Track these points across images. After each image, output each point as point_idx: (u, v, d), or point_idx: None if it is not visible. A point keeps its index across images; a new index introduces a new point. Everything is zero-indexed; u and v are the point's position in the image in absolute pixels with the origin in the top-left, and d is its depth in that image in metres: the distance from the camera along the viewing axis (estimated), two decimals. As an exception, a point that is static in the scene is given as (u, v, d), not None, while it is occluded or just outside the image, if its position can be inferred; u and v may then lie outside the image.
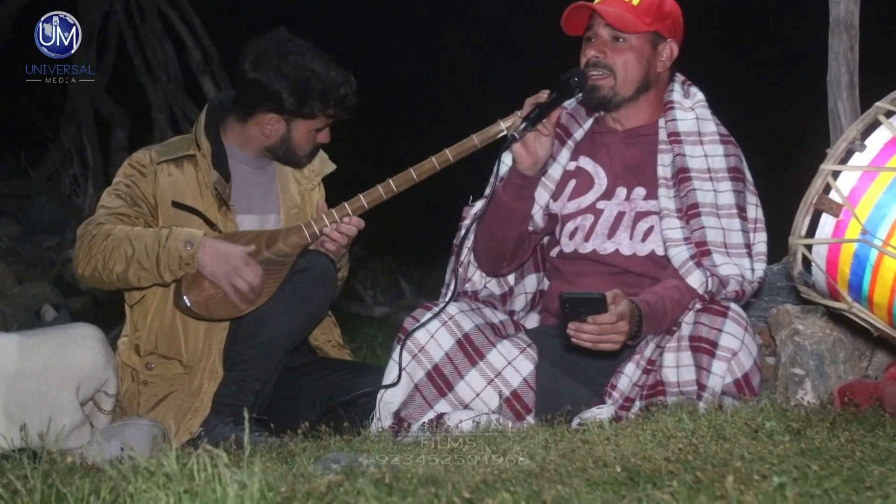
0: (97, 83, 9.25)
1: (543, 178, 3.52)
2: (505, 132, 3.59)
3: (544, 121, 3.36)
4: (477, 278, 3.55)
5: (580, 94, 3.47)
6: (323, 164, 3.89)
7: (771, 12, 10.33)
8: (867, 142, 2.79)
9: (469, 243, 3.57)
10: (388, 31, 10.90)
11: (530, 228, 3.54)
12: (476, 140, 3.63)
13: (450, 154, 3.63)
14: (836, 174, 2.80)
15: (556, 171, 3.54)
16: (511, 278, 3.68)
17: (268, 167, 3.82)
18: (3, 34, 9.00)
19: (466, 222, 3.60)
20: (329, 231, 3.64)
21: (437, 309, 3.35)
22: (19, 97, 8.60)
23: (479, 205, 3.60)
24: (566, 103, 3.51)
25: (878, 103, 2.81)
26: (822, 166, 2.81)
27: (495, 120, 3.62)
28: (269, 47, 3.64)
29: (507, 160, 3.56)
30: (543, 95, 3.38)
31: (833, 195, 2.79)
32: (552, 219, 3.54)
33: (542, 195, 3.52)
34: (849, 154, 2.81)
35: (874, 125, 2.82)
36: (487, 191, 3.63)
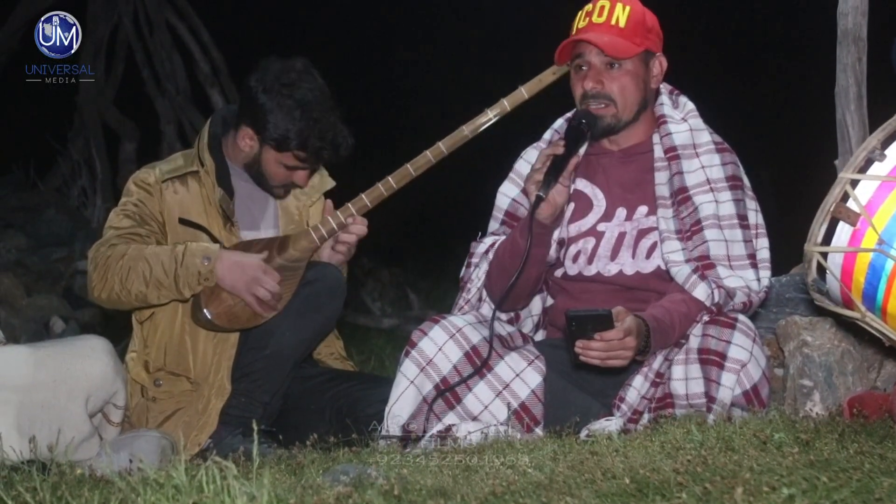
0: (105, 95, 9.28)
1: None
2: (493, 119, 3.69)
3: (564, 172, 3.34)
4: (486, 311, 3.52)
5: (590, 134, 3.45)
6: (323, 181, 3.88)
7: (778, 24, 10.35)
8: (887, 151, 2.79)
9: (479, 283, 3.56)
10: (392, 44, 10.94)
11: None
12: (466, 131, 3.70)
13: (443, 146, 3.69)
14: (854, 183, 2.79)
15: None
16: None
17: None
18: (10, 47, 9.03)
19: (475, 260, 3.59)
20: (340, 236, 3.66)
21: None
22: (28, 110, 8.63)
23: (488, 241, 3.59)
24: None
25: (899, 113, 2.81)
26: (841, 174, 2.80)
27: (482, 110, 3.70)
28: (280, 69, 3.65)
29: (510, 193, 3.60)
30: (559, 146, 3.35)
31: (851, 204, 2.79)
32: (560, 244, 3.53)
33: None
34: (868, 163, 2.81)
35: (894, 135, 2.81)
36: (493, 226, 3.63)
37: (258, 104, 3.62)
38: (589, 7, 3.46)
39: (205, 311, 3.52)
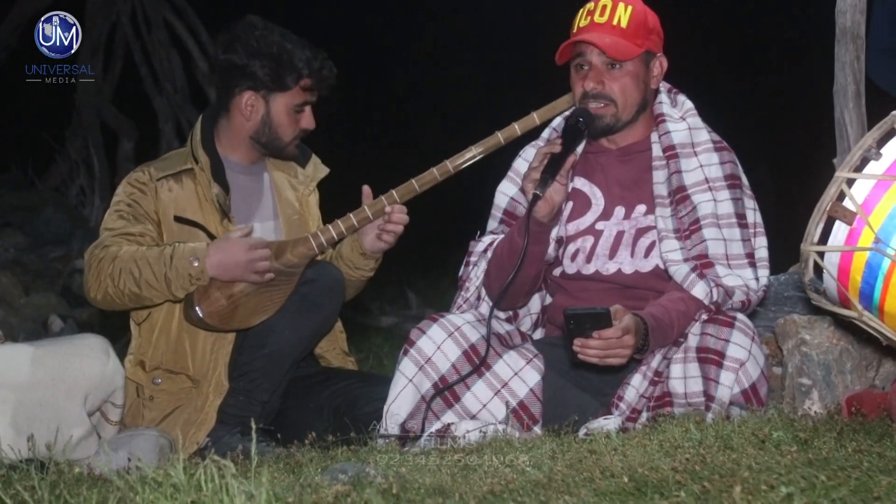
0: (104, 94, 9.28)
1: None
2: (503, 143, 3.67)
3: (561, 170, 3.35)
4: (485, 310, 3.51)
5: (587, 132, 3.45)
6: (317, 169, 3.90)
7: (777, 22, 10.35)
8: (883, 150, 2.79)
9: (478, 281, 3.56)
10: (391, 39, 10.94)
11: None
12: (475, 151, 3.68)
13: (450, 165, 3.67)
14: (850, 182, 2.79)
15: None
16: None
17: (263, 175, 3.83)
18: (8, 45, 9.03)
19: (473, 259, 3.60)
20: (387, 225, 3.67)
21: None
22: (26, 108, 8.62)
23: (486, 240, 3.59)
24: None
25: (894, 112, 2.81)
26: (837, 173, 2.81)
27: (493, 132, 3.68)
28: (239, 30, 3.70)
29: (509, 192, 3.60)
30: (556, 145, 3.35)
31: (847, 203, 2.79)
32: (558, 243, 3.53)
33: None
34: (864, 162, 2.81)
35: (890, 134, 2.82)
36: (492, 225, 3.63)
37: (245, 66, 3.65)
38: (591, 6, 3.46)
39: (196, 309, 3.52)
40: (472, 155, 3.68)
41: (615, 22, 3.40)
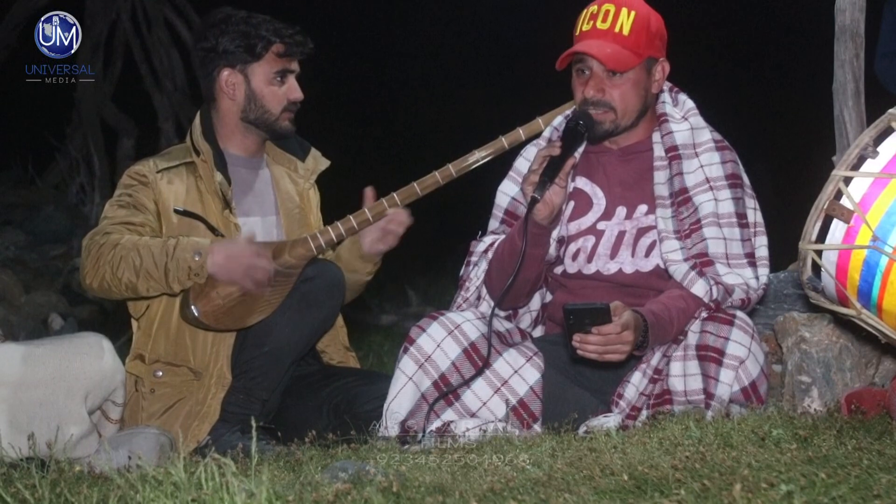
0: (104, 92, 9.28)
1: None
2: (507, 147, 3.67)
3: (560, 173, 3.35)
4: (485, 309, 3.51)
5: (587, 135, 3.45)
6: (317, 161, 3.89)
7: (776, 20, 10.35)
8: (879, 148, 2.79)
9: (478, 281, 3.56)
10: (395, 37, 10.94)
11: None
12: (478, 155, 3.68)
13: (453, 169, 3.67)
14: (847, 180, 2.80)
15: None
16: None
17: (262, 169, 3.83)
18: (8, 44, 9.03)
19: (474, 259, 3.60)
20: (388, 226, 3.69)
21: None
22: (26, 106, 8.63)
23: (488, 241, 3.59)
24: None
25: (891, 110, 2.81)
26: (834, 172, 2.81)
27: (496, 135, 3.67)
28: (210, 18, 3.75)
29: (510, 192, 3.61)
30: (556, 147, 3.35)
31: (844, 201, 2.79)
32: (559, 242, 3.53)
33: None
34: (861, 160, 2.81)
35: (887, 132, 2.82)
36: (493, 225, 3.63)
37: (215, 46, 3.69)
38: (594, 8, 3.42)
39: (192, 307, 3.51)
40: (475, 159, 3.68)
41: (617, 28, 3.37)
